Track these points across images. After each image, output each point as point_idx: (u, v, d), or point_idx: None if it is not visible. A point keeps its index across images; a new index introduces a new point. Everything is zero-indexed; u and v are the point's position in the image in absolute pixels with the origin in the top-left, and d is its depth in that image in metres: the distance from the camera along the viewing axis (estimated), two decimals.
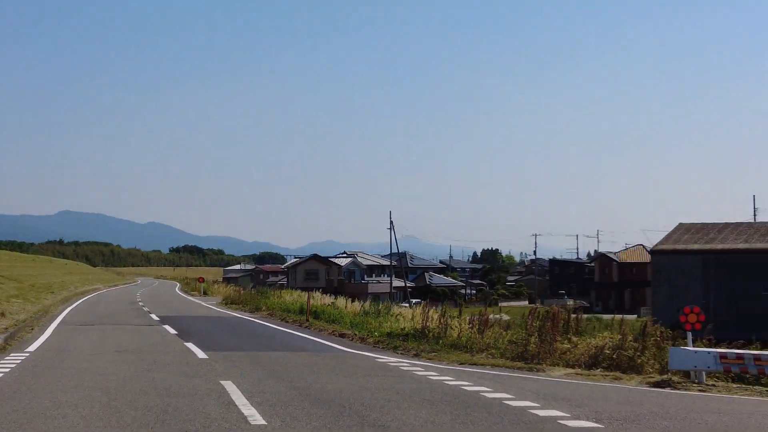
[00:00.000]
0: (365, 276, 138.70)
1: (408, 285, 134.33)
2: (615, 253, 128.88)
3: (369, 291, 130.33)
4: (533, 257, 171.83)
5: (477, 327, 26.92)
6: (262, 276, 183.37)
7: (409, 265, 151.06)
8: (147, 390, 16.23)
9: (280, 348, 26.28)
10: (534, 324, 25.27)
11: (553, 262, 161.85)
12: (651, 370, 22.28)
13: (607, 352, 23.03)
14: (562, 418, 13.91)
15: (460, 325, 27.75)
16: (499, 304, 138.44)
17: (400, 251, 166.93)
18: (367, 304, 40.12)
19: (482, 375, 20.57)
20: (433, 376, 19.70)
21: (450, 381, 18.67)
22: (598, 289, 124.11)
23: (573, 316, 26.70)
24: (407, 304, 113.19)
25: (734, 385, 20.72)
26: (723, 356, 20.98)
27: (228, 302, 58.30)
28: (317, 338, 30.16)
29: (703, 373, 21.02)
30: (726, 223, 75.75)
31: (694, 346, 22.10)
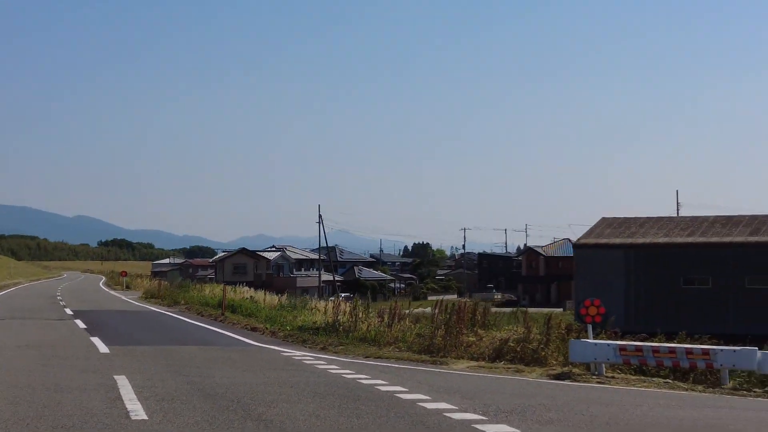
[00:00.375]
0: (294, 270, 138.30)
1: (337, 279, 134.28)
2: (542, 248, 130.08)
3: (298, 285, 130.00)
4: (463, 251, 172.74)
5: (386, 321, 26.89)
6: (192, 270, 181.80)
7: (339, 259, 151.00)
8: (35, 385, 15.94)
9: (188, 342, 26.04)
10: (440, 317, 25.32)
11: (482, 256, 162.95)
12: (555, 362, 22.47)
13: (512, 344, 23.17)
14: (449, 410, 13.91)
15: (369, 318, 27.69)
16: (428, 298, 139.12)
17: (330, 245, 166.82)
18: (284, 297, 39.91)
19: (384, 368, 20.54)
20: (334, 369, 19.62)
21: (349, 374, 18.62)
22: (525, 283, 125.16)
23: (480, 309, 26.64)
24: (335, 299, 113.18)
25: (633, 377, 20.96)
26: (623, 348, 21.23)
27: (148, 296, 57.75)
28: (229, 332, 29.95)
29: (603, 365, 21.24)
30: (648, 218, 76.79)
31: (595, 339, 22.28)
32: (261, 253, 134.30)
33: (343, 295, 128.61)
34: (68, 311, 40.94)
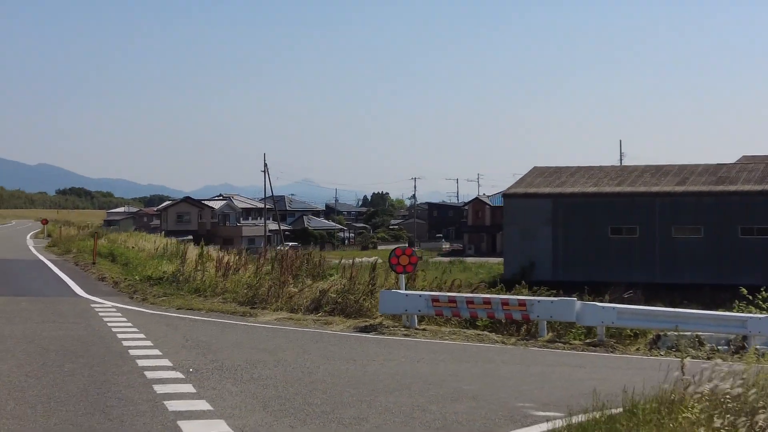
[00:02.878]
0: (241, 219, 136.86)
1: (285, 228, 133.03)
2: (489, 197, 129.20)
3: (243, 234, 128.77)
4: (414, 201, 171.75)
5: (222, 272, 25.77)
6: (146, 218, 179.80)
7: (288, 208, 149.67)
8: None
9: (11, 293, 24.87)
10: (266, 267, 24.25)
11: (432, 205, 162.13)
12: (380, 315, 21.35)
13: (333, 295, 22.10)
14: (158, 367, 12.98)
15: (206, 269, 26.55)
16: (379, 248, 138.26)
17: (285, 195, 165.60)
18: (165, 244, 38.64)
19: (176, 321, 19.61)
20: (117, 321, 18.65)
21: (123, 327, 17.67)
22: (471, 233, 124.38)
23: (317, 258, 25.56)
24: (281, 248, 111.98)
25: (447, 329, 19.99)
26: (435, 300, 20.26)
27: (51, 245, 56.32)
28: (75, 282, 28.77)
29: (415, 317, 20.24)
30: (579, 167, 76.00)
31: (407, 290, 21.23)
32: (206, 202, 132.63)
33: (290, 244, 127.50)
34: None
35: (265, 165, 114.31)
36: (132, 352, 14.24)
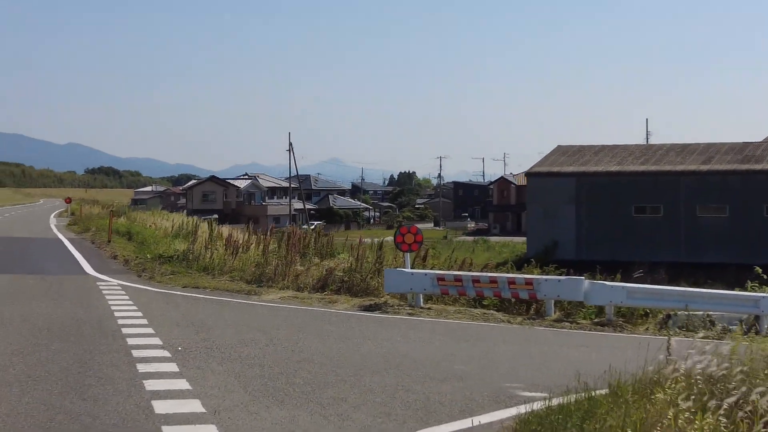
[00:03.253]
0: (266, 198, 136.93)
1: (310, 207, 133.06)
2: (515, 176, 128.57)
3: (269, 213, 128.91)
4: (440, 180, 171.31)
5: (231, 250, 25.62)
6: (173, 198, 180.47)
7: (314, 187, 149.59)
8: None
9: (22, 271, 24.86)
10: (273, 246, 24.08)
11: (458, 185, 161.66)
12: (385, 293, 21.11)
13: (339, 274, 21.90)
14: (149, 335, 12.82)
15: (215, 247, 26.41)
16: None
17: (312, 174, 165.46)
18: (182, 222, 38.54)
19: (173, 299, 19.46)
20: (119, 300, 18.51)
21: (122, 304, 17.57)
22: (496, 212, 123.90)
23: (325, 237, 25.35)
24: (306, 227, 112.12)
25: (452, 308, 19.75)
26: (441, 278, 20.00)
27: (72, 223, 56.51)
28: (85, 260, 28.72)
29: (420, 296, 19.99)
30: (603, 146, 75.32)
31: (413, 268, 20.98)
32: (231, 181, 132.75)
33: (315, 223, 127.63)
34: None
35: (290, 144, 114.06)
36: (125, 330, 14.12)
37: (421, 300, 19.96)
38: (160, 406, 9.10)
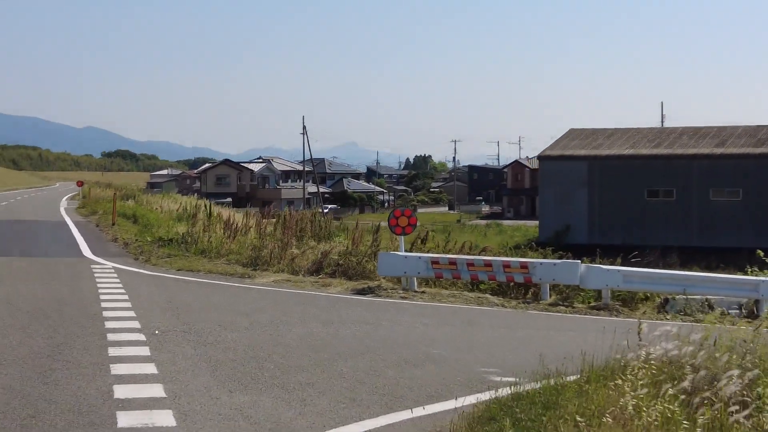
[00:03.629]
0: (280, 182, 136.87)
1: (324, 191, 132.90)
2: (529, 160, 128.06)
3: (282, 196, 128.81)
4: (454, 163, 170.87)
5: (229, 233, 25.48)
6: (189, 181, 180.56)
7: (328, 171, 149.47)
8: None
9: (19, 253, 24.80)
10: (268, 229, 23.92)
11: (472, 168, 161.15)
12: (383, 277, 20.94)
13: (335, 257, 21.74)
14: (129, 319, 12.74)
15: (213, 231, 26.27)
16: (418, 211, 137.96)
17: (325, 158, 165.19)
18: (187, 205, 38.43)
19: (164, 282, 19.35)
20: (107, 282, 18.41)
21: (111, 287, 17.50)
22: (510, 195, 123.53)
23: (321, 220, 25.17)
24: (320, 210, 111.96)
25: (446, 292, 19.58)
26: (435, 262, 19.84)
27: (81, 206, 56.54)
28: (85, 243, 28.65)
29: (415, 279, 19.83)
30: (615, 129, 74.84)
31: (406, 252, 20.80)
32: (245, 165, 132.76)
33: (329, 206, 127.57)
34: None
35: (304, 128, 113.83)
36: (106, 313, 13.99)
37: (415, 283, 19.80)
38: (121, 391, 8.96)
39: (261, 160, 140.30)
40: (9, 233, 32.98)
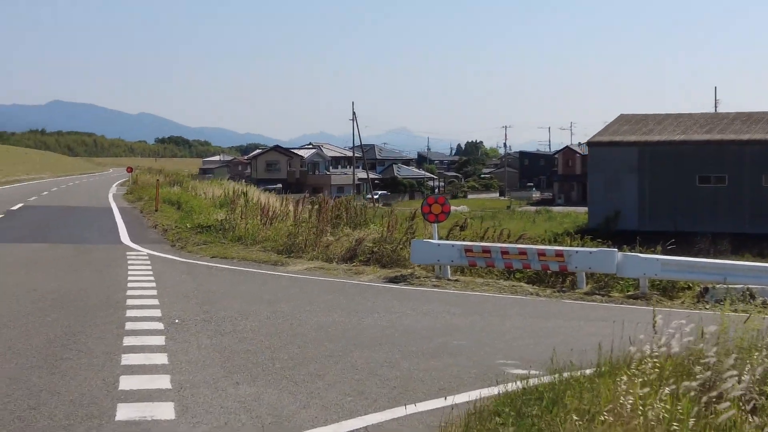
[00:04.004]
0: (330, 168, 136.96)
1: (374, 177, 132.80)
2: (580, 145, 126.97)
3: (332, 183, 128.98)
4: (505, 149, 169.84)
5: (265, 219, 25.39)
6: (240, 167, 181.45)
7: (378, 157, 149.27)
8: None
9: (57, 240, 24.94)
10: (304, 215, 23.78)
11: (523, 154, 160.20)
12: (417, 265, 20.71)
13: (369, 245, 21.55)
14: (151, 307, 12.60)
15: (249, 218, 26.20)
16: (468, 197, 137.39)
17: (383, 144, 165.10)
18: (229, 191, 38.40)
19: (194, 269, 19.30)
20: (139, 269, 18.41)
21: (141, 275, 17.51)
22: (561, 182, 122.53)
23: (357, 206, 24.97)
24: (370, 197, 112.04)
25: (480, 280, 19.29)
26: (468, 249, 19.57)
27: (128, 192, 57.00)
28: (126, 229, 28.80)
29: (448, 267, 19.58)
30: (666, 114, 73.88)
31: (440, 239, 20.56)
32: (295, 151, 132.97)
33: (379, 193, 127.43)
34: (15, 207, 40.18)
35: (354, 114, 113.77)
36: (129, 301, 13.94)
37: (449, 271, 19.55)
38: (126, 382, 8.86)
39: (311, 147, 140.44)
40: (53, 219, 33.24)
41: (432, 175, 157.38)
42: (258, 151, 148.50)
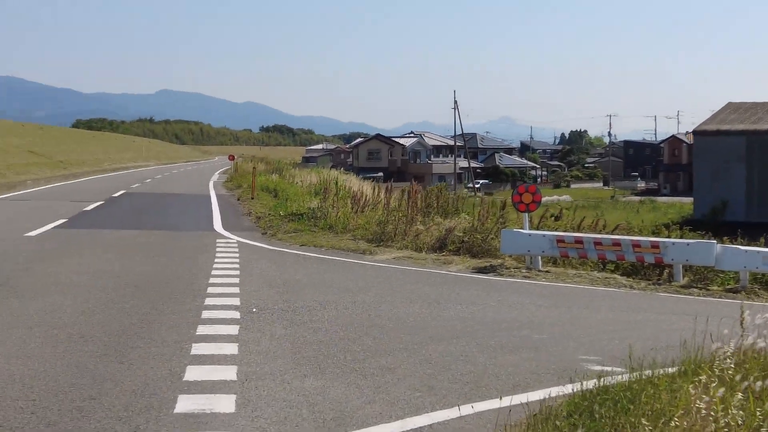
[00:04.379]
0: (432, 156, 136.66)
1: (475, 166, 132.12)
2: (686, 134, 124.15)
3: (434, 171, 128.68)
4: (610, 138, 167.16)
5: (357, 207, 25.21)
6: (343, 156, 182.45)
7: (480, 146, 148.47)
8: None
9: (151, 226, 25.19)
10: (393, 205, 23.50)
11: (628, 143, 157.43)
12: (503, 254, 20.29)
13: (459, 234, 21.19)
14: (231, 296, 12.46)
15: (340, 206, 26.06)
16: (571, 186, 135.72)
17: (485, 133, 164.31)
18: (323, 178, 38.40)
19: (281, 257, 19.18)
20: (226, 257, 18.39)
21: (227, 262, 17.49)
22: (666, 171, 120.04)
23: (450, 195, 24.59)
24: (471, 186, 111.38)
25: (572, 272, 18.79)
26: (560, 240, 19.08)
27: (228, 180, 57.65)
28: (220, 217, 29.01)
29: (539, 258, 19.12)
30: None
31: (531, 229, 20.09)
32: (396, 139, 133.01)
33: (480, 182, 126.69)
34: (117, 193, 40.93)
35: (455, 102, 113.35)
36: (210, 289, 13.83)
37: (540, 262, 19.09)
38: (192, 373, 8.69)
39: (412, 135, 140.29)
40: (151, 206, 33.66)
41: (534, 164, 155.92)
42: (360, 139, 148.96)
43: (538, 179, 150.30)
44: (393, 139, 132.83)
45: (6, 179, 45.78)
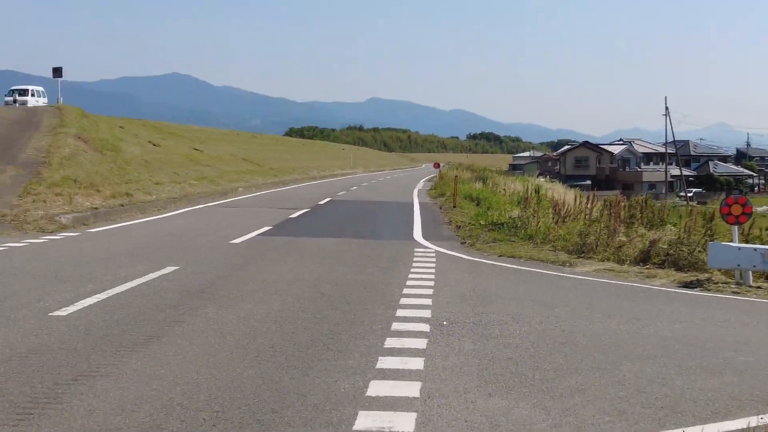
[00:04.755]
0: (641, 164, 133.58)
1: (688, 174, 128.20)
2: None
3: (644, 179, 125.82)
4: None
5: (557, 218, 24.69)
6: (550, 163, 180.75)
7: (692, 153, 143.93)
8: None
9: (352, 235, 25.49)
10: (595, 215, 22.85)
11: None
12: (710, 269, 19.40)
13: (663, 246, 20.39)
14: (423, 307, 12.38)
15: (541, 216, 25.58)
16: None
17: (699, 140, 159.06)
18: (530, 187, 37.98)
19: (478, 268, 18.94)
20: (422, 267, 18.33)
21: (423, 272, 17.37)
22: None
23: (654, 205, 23.71)
24: (683, 194, 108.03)
25: None
26: None
27: (432, 188, 57.91)
28: (420, 225, 29.12)
29: (750, 273, 18.15)
30: None
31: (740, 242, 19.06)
32: (605, 147, 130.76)
33: (693, 190, 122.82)
34: (323, 201, 41.83)
35: (666, 109, 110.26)
36: (403, 300, 13.74)
37: (750, 277, 18.09)
38: (375, 388, 8.56)
39: (621, 142, 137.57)
40: (354, 214, 34.11)
41: (751, 173, 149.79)
42: (567, 147, 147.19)
43: (755, 188, 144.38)
44: (601, 146, 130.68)
45: (219, 186, 47.41)
